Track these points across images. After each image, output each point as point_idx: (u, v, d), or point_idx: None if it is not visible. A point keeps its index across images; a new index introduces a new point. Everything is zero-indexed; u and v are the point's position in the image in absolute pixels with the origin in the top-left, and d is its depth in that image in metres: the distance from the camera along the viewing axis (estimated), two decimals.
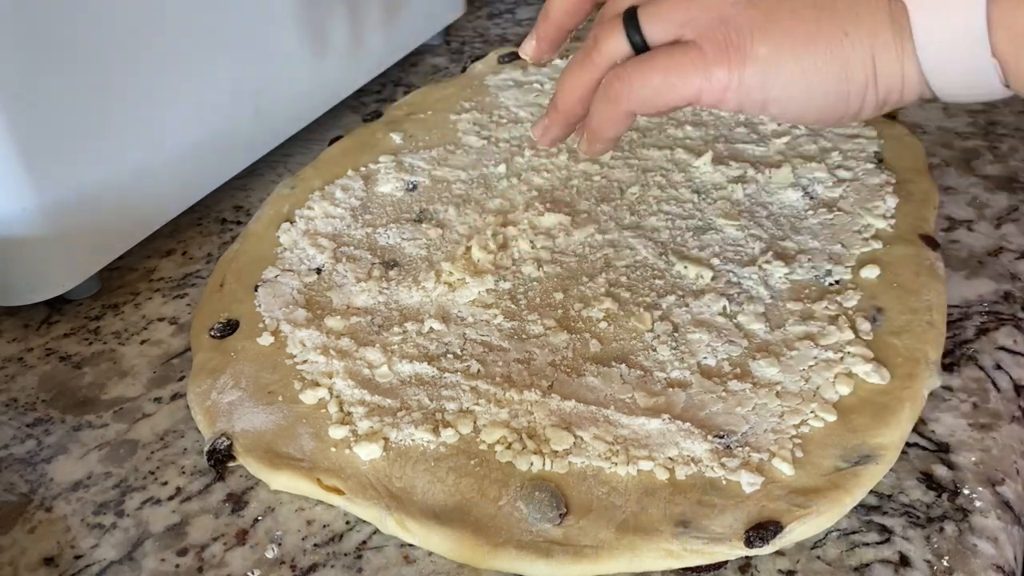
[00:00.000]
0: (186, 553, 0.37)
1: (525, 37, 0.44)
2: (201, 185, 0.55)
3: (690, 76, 0.32)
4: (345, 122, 0.66)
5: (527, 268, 0.49)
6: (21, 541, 0.38)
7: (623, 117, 0.35)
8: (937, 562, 0.35)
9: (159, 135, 0.51)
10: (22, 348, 0.48)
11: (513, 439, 0.40)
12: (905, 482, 0.38)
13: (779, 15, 0.31)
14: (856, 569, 0.35)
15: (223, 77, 0.54)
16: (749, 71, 0.32)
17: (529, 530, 0.36)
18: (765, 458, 0.38)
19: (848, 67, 0.31)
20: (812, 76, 0.31)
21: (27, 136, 0.44)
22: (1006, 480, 0.38)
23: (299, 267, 0.50)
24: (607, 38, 0.35)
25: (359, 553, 0.37)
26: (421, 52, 0.76)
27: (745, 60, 0.32)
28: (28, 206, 0.45)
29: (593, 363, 0.43)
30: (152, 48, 0.49)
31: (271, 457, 0.40)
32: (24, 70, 0.43)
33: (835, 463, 0.38)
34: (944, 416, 0.41)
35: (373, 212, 0.55)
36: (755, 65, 0.32)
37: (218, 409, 0.42)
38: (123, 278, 0.53)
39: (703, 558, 0.35)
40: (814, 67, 0.31)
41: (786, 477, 0.37)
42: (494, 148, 0.60)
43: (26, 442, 0.43)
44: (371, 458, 0.39)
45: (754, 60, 0.31)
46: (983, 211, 0.54)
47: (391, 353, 0.44)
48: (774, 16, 0.31)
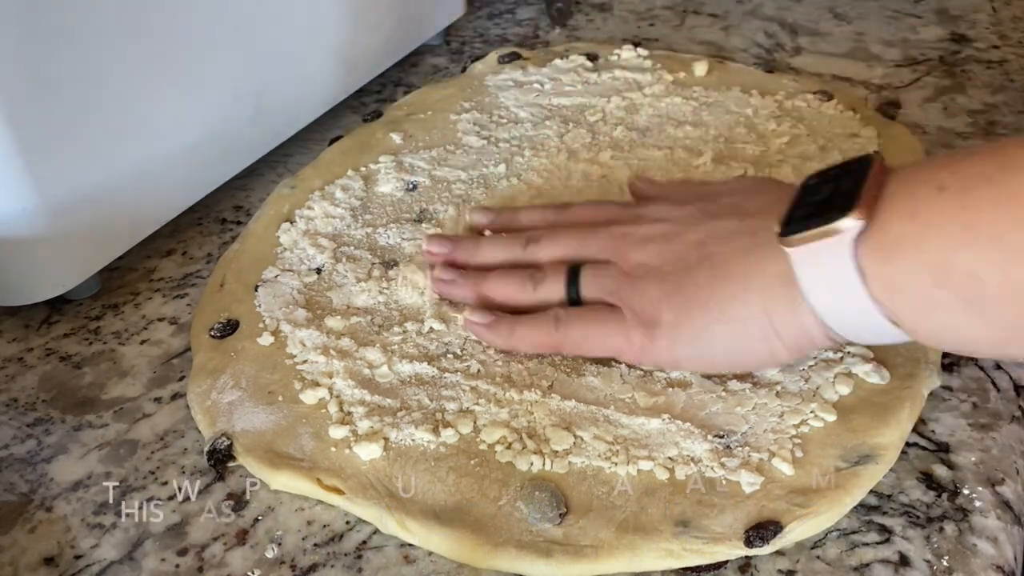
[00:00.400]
0: (186, 553, 0.37)
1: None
2: (201, 185, 0.55)
3: (614, 335, 0.40)
4: (345, 122, 0.66)
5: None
6: (21, 541, 0.38)
7: (550, 347, 0.42)
8: (937, 562, 0.35)
9: (159, 135, 0.51)
10: (22, 348, 0.48)
11: (513, 439, 0.40)
12: (905, 482, 0.38)
13: (683, 286, 0.37)
14: (856, 569, 0.35)
15: (223, 77, 0.54)
16: (658, 332, 0.38)
17: (529, 530, 0.36)
18: (765, 458, 0.38)
19: (743, 324, 0.36)
20: (709, 335, 0.37)
21: (28, 136, 0.44)
22: (1006, 480, 0.38)
23: (299, 267, 0.50)
24: (550, 284, 0.42)
25: (359, 553, 0.37)
26: (421, 52, 0.76)
27: (655, 325, 0.38)
28: (28, 206, 0.45)
29: (593, 363, 0.43)
30: (152, 48, 0.49)
31: (271, 457, 0.40)
32: (24, 70, 0.43)
33: (835, 463, 0.38)
34: (944, 416, 0.41)
35: (373, 212, 0.55)
36: (661, 329, 0.38)
37: (218, 409, 0.42)
38: (123, 278, 0.53)
39: (703, 558, 0.35)
40: (709, 328, 0.37)
41: (786, 477, 0.37)
42: (494, 148, 0.60)
43: (26, 442, 0.43)
44: (371, 458, 0.39)
45: (660, 325, 0.38)
46: None
47: (391, 353, 0.44)
48: (680, 287, 0.37)
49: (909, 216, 0.32)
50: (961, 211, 0.30)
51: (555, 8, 0.79)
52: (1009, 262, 0.30)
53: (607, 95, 0.64)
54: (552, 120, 0.62)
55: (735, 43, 0.75)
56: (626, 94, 0.64)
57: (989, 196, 0.30)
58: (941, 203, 0.31)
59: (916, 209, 0.31)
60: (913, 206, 0.32)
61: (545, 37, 0.78)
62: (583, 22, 0.81)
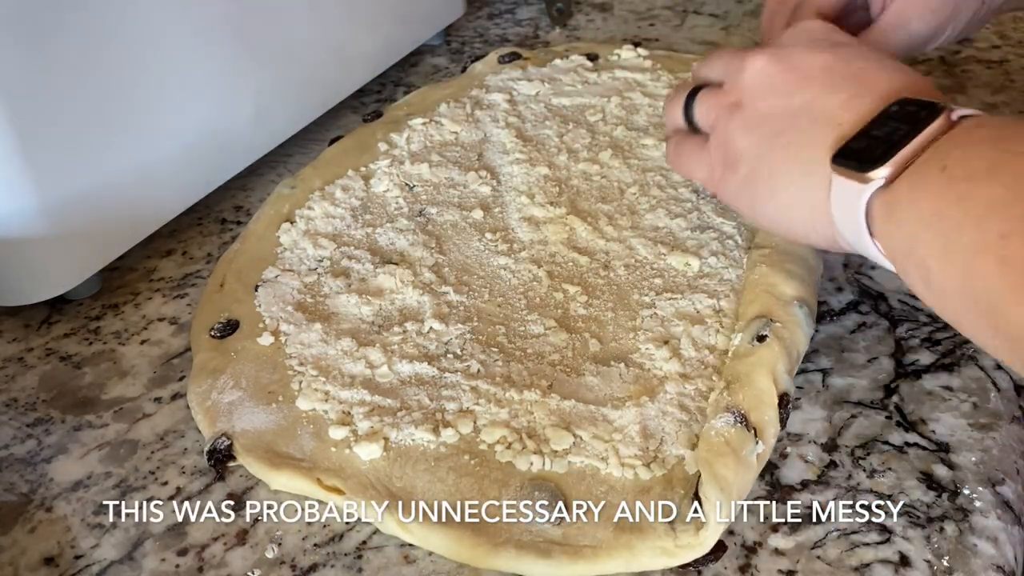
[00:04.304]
0: (186, 553, 0.37)
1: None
2: (201, 185, 0.55)
3: (701, 165, 0.44)
4: (345, 122, 0.66)
5: (527, 267, 0.49)
6: (21, 541, 0.38)
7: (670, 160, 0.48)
8: (937, 562, 0.35)
9: (159, 135, 0.51)
10: (22, 348, 0.48)
11: (513, 439, 0.40)
12: (905, 482, 0.38)
13: (761, 151, 0.40)
14: (856, 569, 0.35)
15: (223, 77, 0.54)
16: (732, 178, 0.41)
17: (528, 530, 0.36)
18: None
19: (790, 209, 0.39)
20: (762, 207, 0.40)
21: (28, 136, 0.44)
22: (1006, 480, 0.38)
23: (299, 267, 0.50)
24: (674, 110, 0.47)
25: (359, 553, 0.37)
26: (421, 52, 0.76)
27: (732, 171, 0.41)
28: (28, 206, 0.45)
29: (592, 363, 0.43)
30: (152, 48, 0.49)
31: (271, 457, 0.40)
32: (25, 70, 0.43)
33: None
34: (944, 416, 0.41)
35: (373, 212, 0.54)
36: (736, 177, 0.41)
37: (218, 409, 0.42)
38: (123, 278, 0.53)
39: (696, 551, 0.35)
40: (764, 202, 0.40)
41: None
42: (494, 148, 0.59)
43: (26, 442, 0.43)
44: (371, 458, 0.39)
45: (736, 174, 0.41)
46: None
47: (391, 353, 0.44)
48: (759, 151, 0.40)
49: (909, 187, 0.33)
50: (938, 199, 0.31)
51: (555, 8, 0.79)
52: (947, 263, 0.31)
53: (607, 95, 0.64)
54: (552, 120, 0.62)
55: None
56: (626, 94, 0.64)
57: (960, 193, 0.31)
58: (934, 185, 0.32)
59: (916, 183, 0.32)
60: (918, 179, 0.32)
61: (545, 37, 0.78)
62: (583, 22, 0.80)
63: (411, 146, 0.60)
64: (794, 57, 0.40)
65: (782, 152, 0.39)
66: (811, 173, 0.37)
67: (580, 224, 0.52)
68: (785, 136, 0.39)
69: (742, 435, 0.37)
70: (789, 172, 0.38)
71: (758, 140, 0.40)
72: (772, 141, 0.39)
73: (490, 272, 0.49)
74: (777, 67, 0.40)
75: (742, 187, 0.41)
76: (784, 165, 0.39)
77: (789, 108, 0.39)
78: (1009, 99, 0.65)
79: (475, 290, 0.48)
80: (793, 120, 0.38)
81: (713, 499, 0.35)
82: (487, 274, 0.49)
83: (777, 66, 0.40)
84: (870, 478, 0.39)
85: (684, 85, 0.46)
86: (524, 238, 0.51)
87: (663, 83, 0.65)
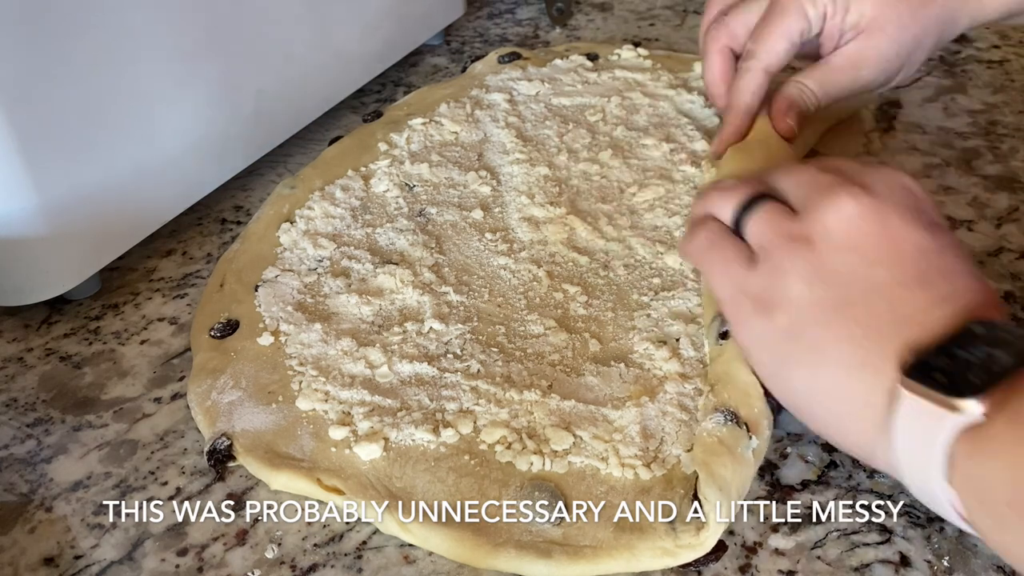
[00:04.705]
0: (186, 553, 0.37)
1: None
2: (201, 185, 0.55)
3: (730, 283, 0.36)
4: (345, 122, 0.66)
5: (527, 267, 0.49)
6: (21, 541, 0.38)
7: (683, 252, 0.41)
8: (937, 562, 0.35)
9: (159, 135, 0.51)
10: (22, 348, 0.48)
11: (513, 439, 0.40)
12: None
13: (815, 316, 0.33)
14: (856, 569, 0.35)
15: (223, 77, 0.54)
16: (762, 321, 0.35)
17: (528, 530, 0.36)
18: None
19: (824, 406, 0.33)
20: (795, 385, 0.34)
21: (27, 136, 0.44)
22: None
23: (299, 267, 0.50)
24: (724, 204, 0.38)
25: (359, 553, 0.37)
26: (421, 52, 0.76)
27: (767, 318, 0.34)
28: (28, 206, 0.45)
29: (592, 363, 0.43)
30: (152, 48, 0.49)
31: (271, 457, 0.40)
32: (24, 70, 0.43)
33: None
34: None
35: (373, 212, 0.55)
36: (768, 329, 0.34)
37: (218, 409, 0.42)
38: (123, 278, 0.53)
39: (696, 551, 0.35)
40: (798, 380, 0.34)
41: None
42: (494, 148, 0.60)
43: (26, 442, 0.43)
44: (371, 458, 0.39)
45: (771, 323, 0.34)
46: (983, 211, 0.54)
47: (391, 353, 0.44)
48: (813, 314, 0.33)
49: (1012, 418, 0.27)
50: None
51: (555, 8, 0.79)
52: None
53: (607, 95, 0.64)
54: (552, 120, 0.62)
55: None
56: (626, 94, 0.64)
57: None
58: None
59: (1014, 419, 0.27)
60: (1015, 416, 0.27)
61: (545, 37, 0.78)
62: (583, 22, 0.80)
63: (411, 146, 0.60)
64: (891, 221, 0.33)
65: (842, 328, 0.32)
66: (871, 369, 0.31)
67: (580, 224, 0.52)
68: (853, 310, 0.32)
69: (734, 432, 0.37)
70: (841, 353, 0.32)
71: (819, 299, 0.33)
72: (836, 309, 0.33)
73: (490, 272, 0.49)
74: (870, 225, 0.33)
75: (772, 339, 0.34)
76: (839, 344, 0.32)
77: (868, 280, 0.32)
78: (1009, 99, 0.65)
79: (475, 290, 0.48)
80: (867, 295, 0.32)
81: (712, 499, 0.35)
82: (487, 274, 0.49)
83: (870, 224, 0.33)
84: (870, 478, 0.39)
85: (751, 181, 0.38)
86: (524, 238, 0.51)
87: (663, 83, 0.65)
